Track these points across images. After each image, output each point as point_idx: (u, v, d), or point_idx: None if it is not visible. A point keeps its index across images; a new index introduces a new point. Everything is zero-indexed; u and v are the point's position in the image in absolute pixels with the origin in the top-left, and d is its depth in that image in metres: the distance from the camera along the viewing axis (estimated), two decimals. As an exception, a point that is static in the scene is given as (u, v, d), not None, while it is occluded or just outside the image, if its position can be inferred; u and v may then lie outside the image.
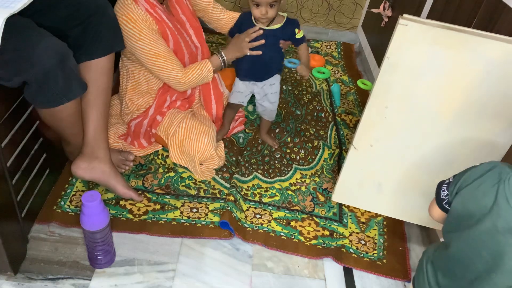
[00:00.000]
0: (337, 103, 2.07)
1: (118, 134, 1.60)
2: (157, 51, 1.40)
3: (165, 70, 1.43)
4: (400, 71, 1.14)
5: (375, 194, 1.41)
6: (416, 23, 1.07)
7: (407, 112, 1.22)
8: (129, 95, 1.57)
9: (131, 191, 1.40)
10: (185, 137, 1.50)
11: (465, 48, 1.07)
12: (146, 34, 1.37)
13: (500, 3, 1.22)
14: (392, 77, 1.16)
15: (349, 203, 1.49)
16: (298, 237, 1.39)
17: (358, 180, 1.40)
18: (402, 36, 1.08)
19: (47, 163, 1.35)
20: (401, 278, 1.32)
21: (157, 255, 1.28)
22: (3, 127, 1.10)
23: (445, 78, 1.13)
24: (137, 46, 1.38)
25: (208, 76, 1.53)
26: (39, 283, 1.16)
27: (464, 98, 1.15)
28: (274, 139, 1.75)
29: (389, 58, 1.12)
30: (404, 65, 1.13)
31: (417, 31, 1.07)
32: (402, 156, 1.31)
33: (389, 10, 2.15)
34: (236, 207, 1.42)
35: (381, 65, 1.15)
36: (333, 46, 2.60)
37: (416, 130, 1.24)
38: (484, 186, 0.83)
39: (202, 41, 1.61)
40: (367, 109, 1.23)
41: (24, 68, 1.04)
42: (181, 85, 1.49)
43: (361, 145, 1.31)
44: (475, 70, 1.10)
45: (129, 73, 1.54)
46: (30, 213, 1.26)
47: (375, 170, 1.36)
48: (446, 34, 1.06)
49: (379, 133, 1.27)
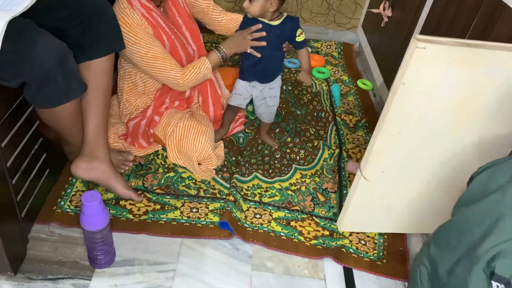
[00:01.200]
0: (337, 103, 2.07)
1: (118, 134, 1.60)
2: (155, 53, 1.39)
3: (164, 71, 1.43)
4: (416, 94, 1.06)
5: (383, 216, 1.37)
6: (434, 44, 0.98)
7: (421, 133, 1.15)
8: (126, 96, 1.57)
9: (130, 191, 1.40)
10: (183, 136, 1.50)
11: (482, 63, 1.03)
12: (142, 38, 1.37)
13: (500, 3, 1.22)
14: (407, 102, 1.07)
15: (357, 229, 1.43)
16: (298, 237, 1.39)
17: (367, 207, 1.34)
18: (419, 59, 0.99)
19: (47, 163, 1.35)
20: (401, 278, 1.32)
21: (157, 255, 1.28)
22: (3, 127, 1.10)
23: (461, 95, 1.08)
24: (133, 50, 1.38)
25: (207, 74, 1.52)
26: (39, 283, 1.16)
27: (482, 114, 1.11)
28: (274, 139, 1.75)
29: (404, 83, 1.03)
30: (420, 88, 1.05)
31: (434, 52, 0.99)
32: (414, 176, 1.26)
33: (389, 10, 2.15)
34: (236, 207, 1.42)
35: (393, 90, 1.06)
36: (333, 46, 2.60)
37: (430, 150, 1.19)
38: (505, 166, 0.88)
39: (200, 44, 1.61)
40: (379, 137, 1.14)
41: (24, 68, 1.04)
42: (180, 85, 1.49)
43: (371, 174, 1.23)
44: (493, 84, 1.06)
45: (125, 74, 1.54)
46: (30, 213, 1.26)
47: (385, 194, 1.31)
48: (463, 51, 1.00)
49: (391, 159, 1.20)
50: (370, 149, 1.19)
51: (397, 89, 1.04)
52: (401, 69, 1.03)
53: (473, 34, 1.33)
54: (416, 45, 0.97)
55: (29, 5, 0.95)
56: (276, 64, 1.60)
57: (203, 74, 1.51)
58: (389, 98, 1.08)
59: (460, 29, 1.40)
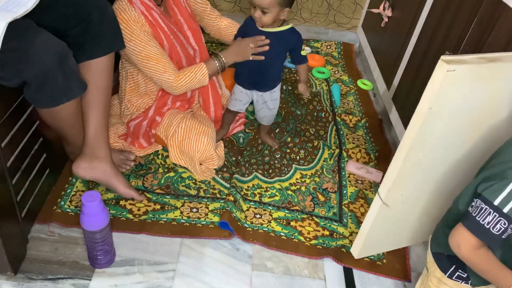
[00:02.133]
0: (337, 103, 2.07)
1: (118, 134, 1.60)
2: (148, 52, 1.38)
3: (157, 73, 1.41)
4: (440, 117, 1.01)
5: (398, 233, 1.33)
6: (463, 65, 0.93)
7: (443, 153, 1.12)
8: (128, 96, 1.57)
9: (132, 190, 1.40)
10: (185, 137, 1.50)
11: (503, 76, 0.99)
12: (138, 35, 1.36)
13: (500, 3, 1.22)
14: (432, 126, 1.02)
15: (373, 253, 1.37)
16: (298, 237, 1.39)
17: (384, 231, 1.28)
18: (448, 82, 0.93)
19: (47, 163, 1.35)
20: (401, 278, 1.32)
21: (157, 255, 1.28)
22: (3, 127, 1.10)
23: (482, 111, 1.05)
24: (128, 47, 1.37)
25: (202, 80, 1.49)
26: (39, 283, 1.16)
27: (502, 128, 1.09)
28: (274, 139, 1.75)
29: (432, 108, 0.97)
30: (446, 110, 1.00)
31: (462, 73, 0.94)
32: (435, 195, 1.23)
33: (389, 10, 2.15)
34: (236, 207, 1.42)
35: (418, 116, 1.00)
36: (333, 46, 2.60)
37: (450, 167, 1.16)
38: None
39: (201, 44, 1.61)
40: (402, 164, 1.08)
41: (24, 68, 1.04)
42: (173, 88, 1.46)
43: (391, 200, 1.17)
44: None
45: (128, 75, 1.54)
46: (30, 213, 1.26)
47: (404, 215, 1.26)
48: (489, 68, 0.97)
49: (411, 183, 1.15)
50: (391, 176, 1.12)
51: (423, 115, 0.98)
52: (428, 93, 0.96)
53: (473, 34, 1.33)
54: (447, 68, 0.91)
55: (31, 8, 0.95)
56: (276, 72, 1.58)
57: (199, 80, 1.48)
58: (413, 124, 1.02)
59: (460, 29, 1.40)
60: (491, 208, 0.84)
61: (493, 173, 0.87)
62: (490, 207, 0.84)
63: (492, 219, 0.84)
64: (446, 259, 1.01)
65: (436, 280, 1.04)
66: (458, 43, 1.40)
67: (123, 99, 1.59)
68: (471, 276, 0.98)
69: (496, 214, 0.83)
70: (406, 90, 1.81)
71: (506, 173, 0.84)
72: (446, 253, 1.00)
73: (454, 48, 1.42)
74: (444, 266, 1.01)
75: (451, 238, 0.92)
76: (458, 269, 0.99)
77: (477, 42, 1.30)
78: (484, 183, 0.88)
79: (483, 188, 0.87)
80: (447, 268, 1.01)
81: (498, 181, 0.84)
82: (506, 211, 0.82)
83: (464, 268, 0.98)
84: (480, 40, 1.28)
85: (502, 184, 0.83)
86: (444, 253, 1.01)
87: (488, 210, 0.84)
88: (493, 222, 0.84)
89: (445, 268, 1.01)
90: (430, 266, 1.06)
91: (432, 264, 1.05)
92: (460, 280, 1.00)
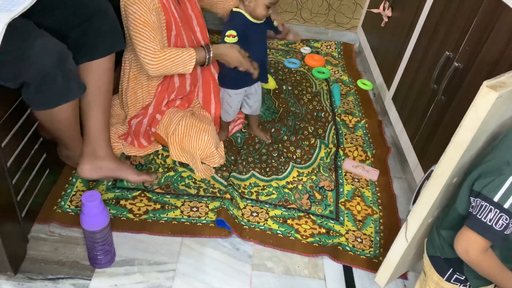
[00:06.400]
0: (337, 103, 2.08)
1: (118, 134, 1.60)
2: (147, 19, 1.34)
3: (145, 40, 1.35)
4: (480, 141, 0.98)
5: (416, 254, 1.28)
6: (506, 89, 0.88)
7: None
8: (131, 84, 1.56)
9: (142, 175, 1.43)
10: (185, 134, 1.50)
11: None
12: (144, 2, 1.34)
13: (500, 3, 1.22)
14: (470, 152, 0.98)
15: (394, 278, 1.31)
16: (295, 235, 1.40)
17: (406, 257, 1.22)
18: (494, 108, 0.89)
19: (47, 163, 1.35)
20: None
21: (157, 255, 1.28)
22: (3, 127, 1.10)
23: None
24: (129, 10, 1.35)
25: (186, 63, 1.41)
26: (39, 283, 1.16)
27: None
28: (267, 132, 1.75)
29: (474, 134, 0.93)
30: (486, 134, 0.98)
31: (505, 97, 0.89)
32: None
33: (389, 10, 2.15)
34: (233, 204, 1.43)
35: (459, 145, 0.95)
36: (333, 46, 2.60)
37: None
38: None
39: (206, 40, 1.62)
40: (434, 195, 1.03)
41: (23, 69, 1.04)
42: (155, 60, 1.37)
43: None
44: None
45: (132, 62, 1.53)
46: (30, 213, 1.26)
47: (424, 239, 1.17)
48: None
49: (434, 207, 1.09)
50: (422, 214, 1.07)
51: (465, 145, 0.94)
52: (472, 123, 0.91)
53: (473, 34, 1.33)
54: (496, 96, 0.86)
55: (29, 6, 0.95)
56: (266, 59, 1.66)
57: (184, 60, 1.40)
58: (452, 155, 0.97)
59: (460, 29, 1.40)
60: (491, 205, 0.84)
61: (489, 170, 0.87)
62: (490, 204, 0.84)
63: (493, 216, 0.84)
64: (443, 262, 1.00)
65: (434, 285, 1.03)
66: (458, 43, 1.40)
67: (126, 90, 1.58)
68: (470, 279, 0.98)
69: (497, 210, 0.83)
70: (406, 90, 1.81)
71: (503, 168, 0.84)
72: (443, 256, 1.00)
73: (454, 48, 1.42)
74: (442, 270, 1.01)
75: (457, 244, 0.91)
76: (455, 272, 0.99)
77: (477, 42, 1.30)
78: (480, 180, 0.87)
79: (481, 185, 0.87)
80: (444, 272, 1.00)
81: (495, 177, 0.84)
82: (506, 207, 0.82)
83: (461, 271, 0.98)
84: (480, 40, 1.28)
85: (500, 180, 0.83)
86: (441, 257, 1.01)
87: (489, 207, 0.84)
88: (495, 218, 0.84)
89: (442, 271, 1.01)
90: (428, 270, 1.05)
91: (429, 267, 1.04)
92: (458, 283, 0.99)
